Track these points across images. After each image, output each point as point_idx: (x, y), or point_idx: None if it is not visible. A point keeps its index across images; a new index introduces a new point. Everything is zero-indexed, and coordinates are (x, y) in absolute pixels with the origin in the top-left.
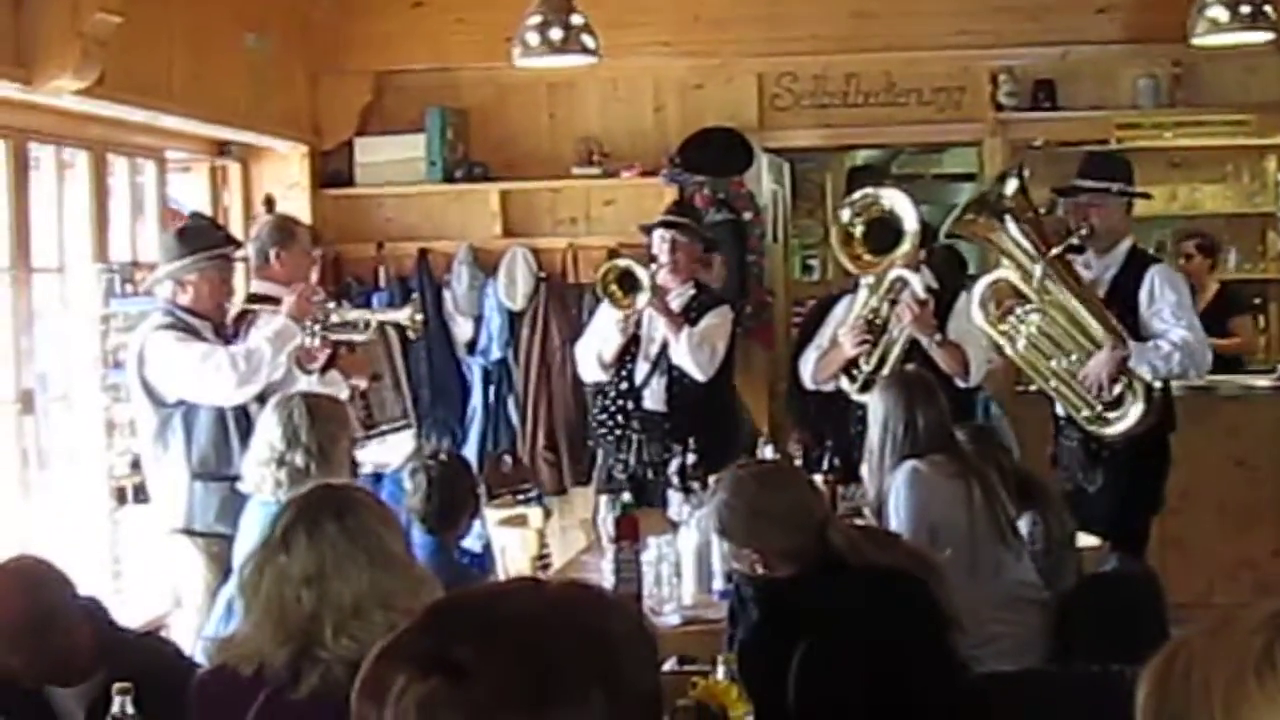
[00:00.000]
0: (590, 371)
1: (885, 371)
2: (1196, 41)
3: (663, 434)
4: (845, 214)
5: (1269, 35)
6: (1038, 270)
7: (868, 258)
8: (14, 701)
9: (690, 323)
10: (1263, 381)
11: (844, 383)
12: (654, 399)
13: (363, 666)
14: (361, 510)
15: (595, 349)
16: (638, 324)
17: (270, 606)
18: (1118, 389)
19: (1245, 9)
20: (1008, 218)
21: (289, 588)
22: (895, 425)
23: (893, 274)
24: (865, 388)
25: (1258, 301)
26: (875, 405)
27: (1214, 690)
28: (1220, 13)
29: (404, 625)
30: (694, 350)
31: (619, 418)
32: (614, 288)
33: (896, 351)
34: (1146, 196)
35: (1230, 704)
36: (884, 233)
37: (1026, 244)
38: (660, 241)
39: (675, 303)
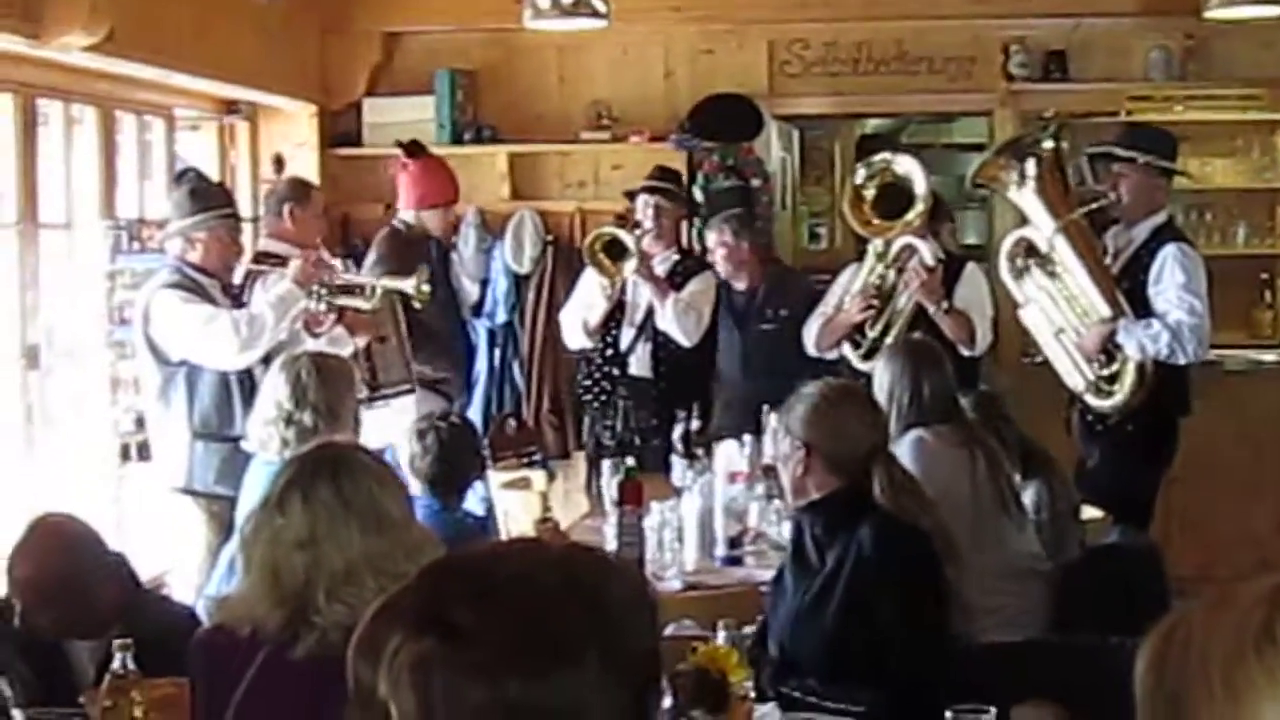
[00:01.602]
0: (575, 338)
1: (890, 339)
2: (1209, 15)
3: (649, 400)
4: (859, 175)
5: None
6: (1050, 232)
7: (877, 222)
8: (32, 649)
9: (675, 288)
10: (1269, 356)
11: (847, 350)
12: (640, 365)
13: (359, 625)
14: (358, 472)
15: (580, 316)
16: (622, 290)
17: (265, 568)
18: (1115, 364)
19: None
20: (1032, 167)
21: (283, 551)
22: (901, 394)
23: (901, 241)
24: (869, 355)
25: (1265, 277)
26: (881, 373)
27: (1213, 664)
28: None
29: (396, 588)
30: (680, 316)
31: (605, 384)
32: (601, 256)
33: (902, 319)
34: (1182, 174)
35: (1229, 678)
36: (895, 198)
37: (1045, 202)
38: (644, 207)
39: (659, 268)
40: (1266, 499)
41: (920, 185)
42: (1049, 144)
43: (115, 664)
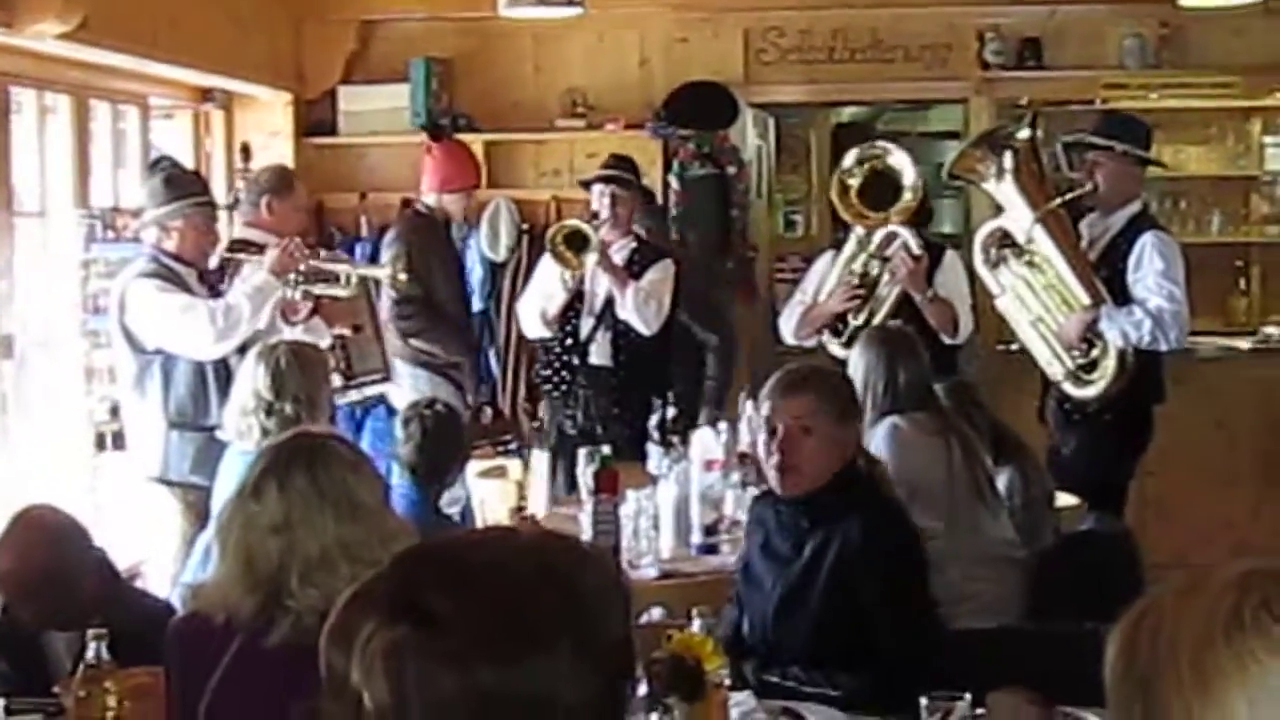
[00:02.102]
0: (533, 328)
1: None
2: (1184, 2)
3: (609, 389)
4: (848, 162)
5: None
6: (1029, 221)
7: (866, 212)
8: (9, 641)
9: (633, 276)
10: (1243, 343)
11: (827, 338)
12: (600, 354)
13: (332, 613)
14: (333, 460)
15: (538, 306)
16: (581, 279)
17: (240, 554)
18: (1094, 353)
19: None
20: (1009, 159)
21: (257, 536)
22: (876, 382)
23: (884, 229)
24: (851, 344)
25: (1239, 264)
26: (856, 361)
27: (1182, 649)
28: None
29: (368, 575)
30: (640, 305)
31: (564, 373)
32: (562, 247)
33: (886, 308)
34: (1157, 163)
35: (1198, 663)
36: (881, 188)
37: (1023, 193)
38: (600, 196)
39: (617, 256)
40: (1241, 486)
41: (909, 176)
42: (1025, 134)
43: (89, 654)
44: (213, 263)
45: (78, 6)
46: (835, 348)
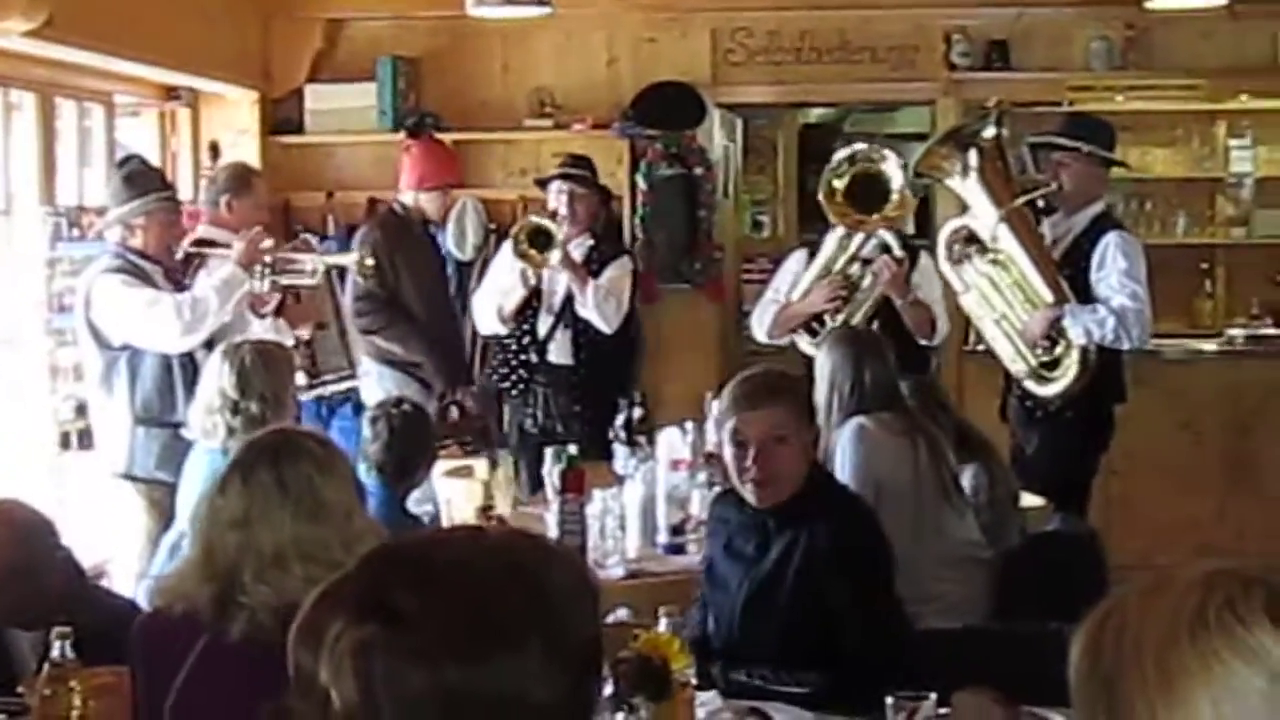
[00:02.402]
0: (489, 325)
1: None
2: (1150, 4)
3: (569, 387)
4: (837, 163)
5: (1222, 0)
6: (994, 219)
7: (854, 213)
8: None
9: (592, 274)
10: (1208, 345)
11: (801, 338)
12: (560, 352)
13: (300, 611)
14: (301, 458)
15: (494, 302)
16: (539, 277)
17: (201, 546)
18: (1058, 350)
19: None
20: (974, 157)
21: (218, 530)
22: (843, 382)
23: (870, 231)
24: None
25: (1205, 266)
26: (823, 362)
27: (1146, 649)
28: None
29: (336, 575)
30: (601, 303)
31: (522, 372)
32: (525, 245)
33: (865, 310)
34: (1122, 164)
35: (1163, 662)
36: (868, 190)
37: (988, 191)
38: (558, 194)
39: (575, 254)
40: (1206, 487)
41: (897, 180)
42: (990, 132)
43: (54, 653)
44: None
45: (43, 4)
46: (807, 346)
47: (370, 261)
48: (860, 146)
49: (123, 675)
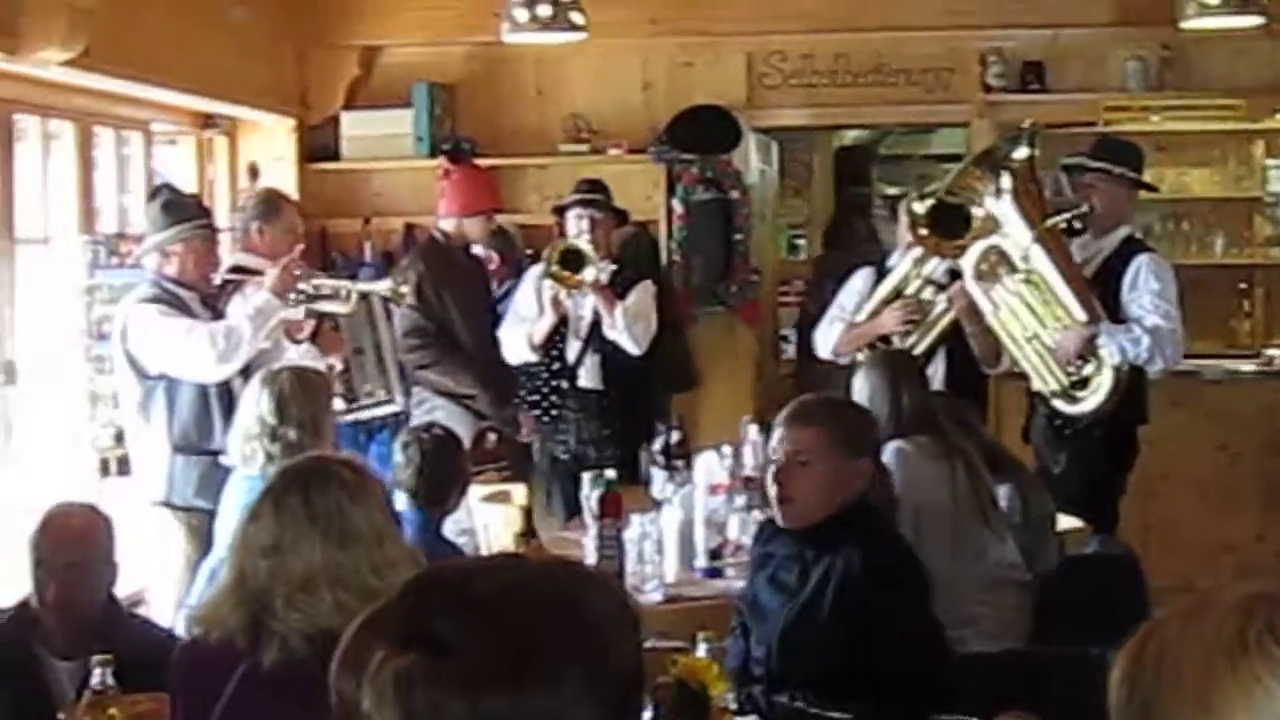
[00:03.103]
0: (518, 354)
1: (917, 353)
2: (1185, 25)
3: (599, 411)
4: (919, 194)
5: (1258, 19)
6: (1027, 239)
7: (937, 240)
8: (12, 671)
9: (618, 298)
10: (1246, 366)
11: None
12: (589, 377)
13: (342, 639)
14: (331, 484)
15: (522, 331)
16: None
17: (234, 573)
18: (1088, 369)
19: None
20: (1007, 178)
21: (250, 557)
22: (880, 405)
23: (947, 257)
24: None
25: (1243, 286)
26: (860, 386)
27: (1186, 673)
28: None
29: (377, 598)
30: (629, 325)
31: (554, 398)
32: (557, 268)
33: (934, 335)
34: (1151, 188)
35: (1203, 687)
36: (949, 216)
37: (1020, 211)
38: (578, 220)
39: (601, 277)
40: (1244, 508)
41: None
42: (1022, 153)
43: (95, 680)
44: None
45: (81, 33)
46: None
47: (405, 289)
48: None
49: (163, 702)
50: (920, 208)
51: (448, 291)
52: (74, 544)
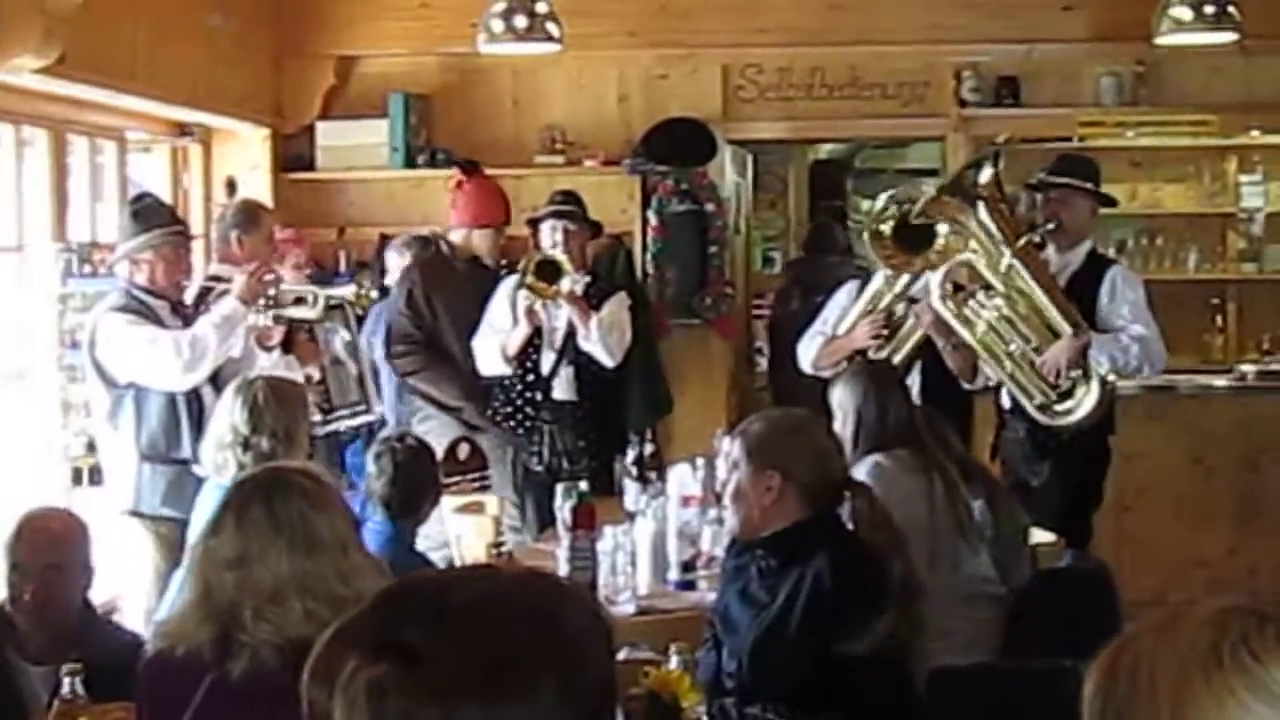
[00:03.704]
0: (491, 365)
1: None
2: (1160, 41)
3: (574, 422)
4: (880, 203)
5: (1232, 36)
6: (1006, 257)
7: (901, 255)
8: None
9: (592, 309)
10: (1220, 381)
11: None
12: (564, 389)
13: (314, 648)
14: (292, 493)
15: (496, 342)
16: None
17: (198, 587)
18: (1076, 380)
19: (1209, 9)
20: (980, 204)
21: (215, 570)
22: (867, 416)
23: (915, 272)
24: None
25: (1216, 301)
26: (844, 396)
27: (1160, 686)
28: (1184, 12)
29: (347, 607)
30: (605, 337)
31: (527, 410)
32: (533, 279)
33: (907, 349)
34: (1113, 202)
35: (1176, 699)
36: (914, 231)
37: (996, 231)
38: (552, 232)
39: (575, 289)
40: (1218, 523)
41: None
42: (988, 175)
43: (64, 689)
44: (189, 296)
45: (56, 41)
46: None
47: (373, 294)
48: (902, 188)
49: (132, 711)
50: (886, 228)
51: (441, 302)
52: (52, 546)
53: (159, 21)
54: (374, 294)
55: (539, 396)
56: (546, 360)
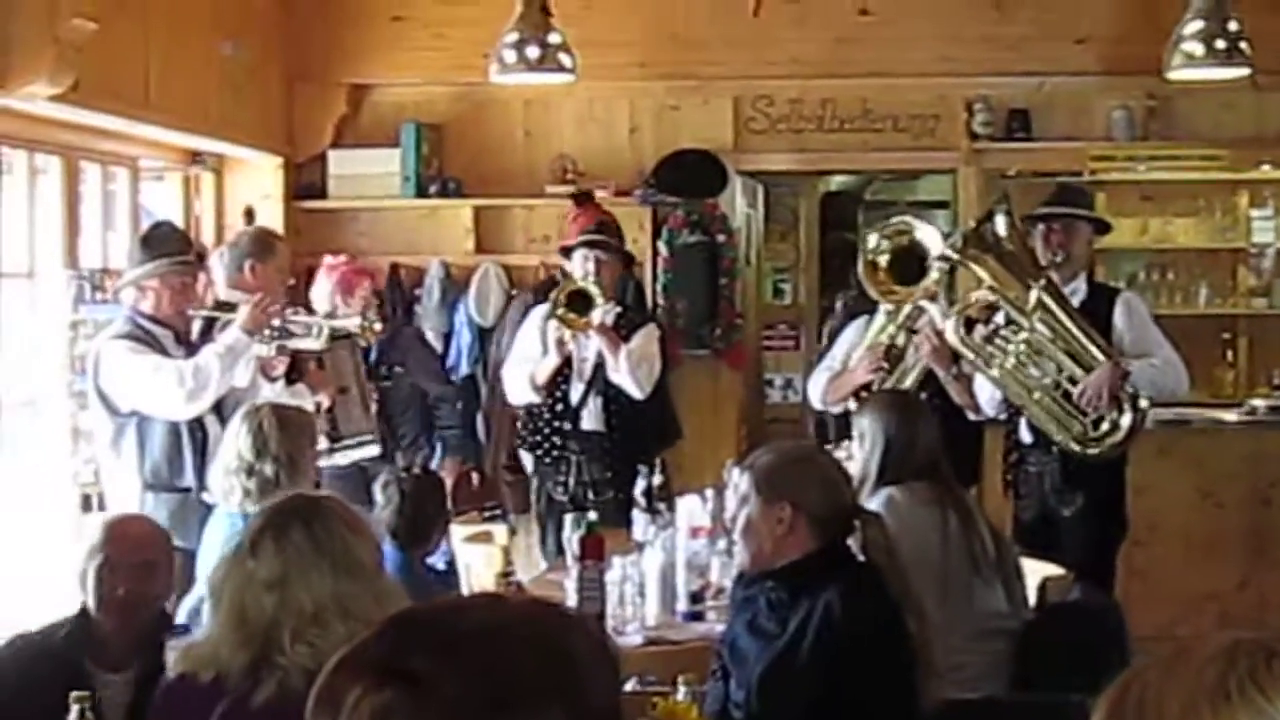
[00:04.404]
0: (520, 395)
1: None
2: (1172, 75)
3: (602, 453)
4: (873, 240)
5: (1243, 71)
6: (1033, 293)
7: (894, 287)
8: (65, 687)
9: (622, 340)
10: (1230, 415)
11: (854, 405)
12: (592, 419)
13: (320, 675)
14: (331, 518)
15: (525, 371)
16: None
17: (233, 611)
18: (1113, 407)
19: (1220, 44)
20: (1004, 253)
21: (252, 593)
22: (872, 449)
23: (913, 304)
24: None
25: (1227, 336)
26: (872, 425)
27: None
28: (1196, 47)
29: (362, 635)
30: (634, 369)
31: (555, 439)
32: (564, 310)
33: (910, 380)
34: (1109, 228)
35: None
36: (909, 262)
37: (1020, 267)
38: (584, 261)
39: (605, 320)
40: (1227, 557)
41: (935, 249)
42: (1003, 224)
43: (71, 717)
44: (196, 325)
45: (69, 69)
46: None
47: (379, 325)
48: (893, 220)
49: None
50: (882, 259)
51: None
52: (143, 544)
53: (172, 49)
54: (378, 326)
55: (567, 426)
56: (575, 390)
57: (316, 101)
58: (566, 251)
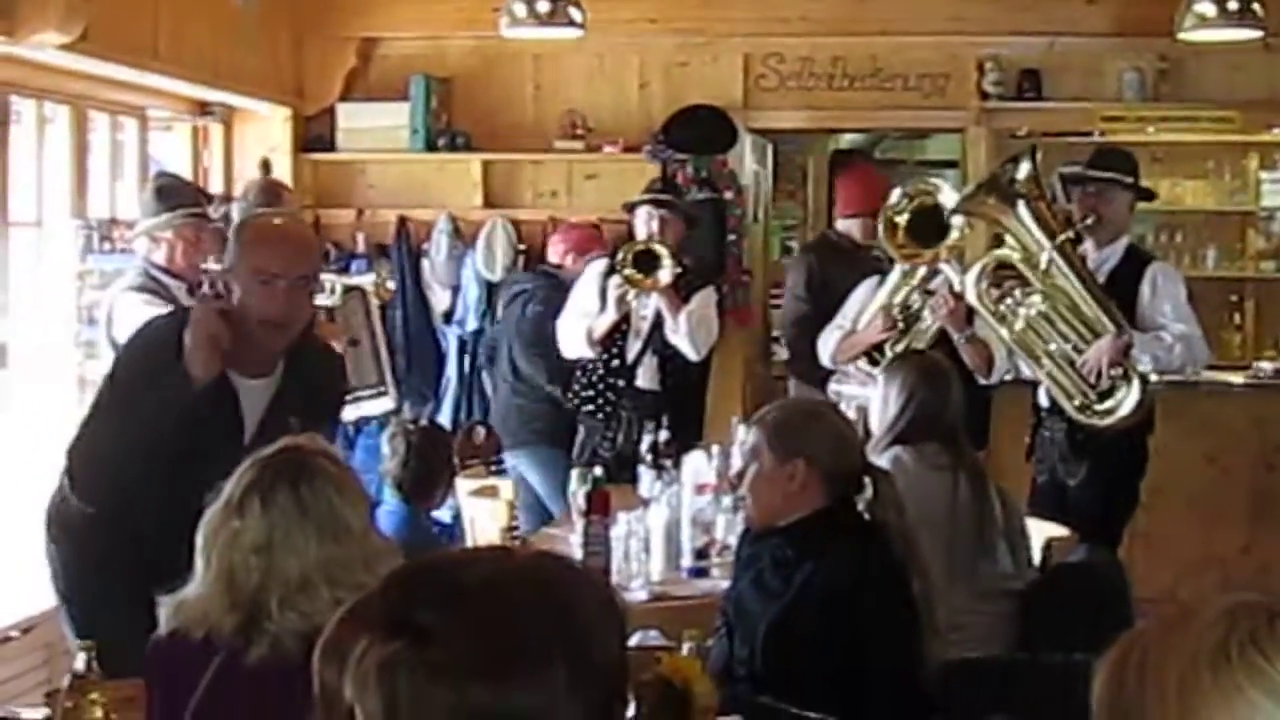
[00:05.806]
0: (575, 348)
1: None
2: (1183, 36)
3: (655, 412)
4: (895, 198)
5: (1256, 32)
6: (1045, 254)
7: (915, 248)
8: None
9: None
10: (1237, 378)
11: (862, 364)
12: (647, 377)
13: (326, 628)
14: (319, 479)
15: (582, 325)
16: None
17: (221, 571)
18: (1117, 379)
19: (1233, 5)
20: (1020, 201)
21: (239, 555)
22: (885, 409)
23: (929, 266)
24: None
25: (1235, 299)
26: (898, 385)
27: (1168, 682)
28: (1208, 8)
29: (366, 591)
30: (693, 330)
31: (609, 395)
32: (631, 270)
33: (924, 342)
34: (1152, 195)
35: (1184, 695)
36: (928, 224)
37: (1036, 228)
38: (648, 219)
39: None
40: (1231, 521)
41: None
42: (1025, 172)
43: (78, 664)
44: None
45: (79, 17)
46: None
47: (392, 285)
48: (916, 182)
49: (140, 689)
50: (900, 219)
51: (832, 285)
52: (308, 257)
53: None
54: (391, 284)
55: (621, 383)
56: (632, 348)
57: (326, 54)
58: (630, 208)
